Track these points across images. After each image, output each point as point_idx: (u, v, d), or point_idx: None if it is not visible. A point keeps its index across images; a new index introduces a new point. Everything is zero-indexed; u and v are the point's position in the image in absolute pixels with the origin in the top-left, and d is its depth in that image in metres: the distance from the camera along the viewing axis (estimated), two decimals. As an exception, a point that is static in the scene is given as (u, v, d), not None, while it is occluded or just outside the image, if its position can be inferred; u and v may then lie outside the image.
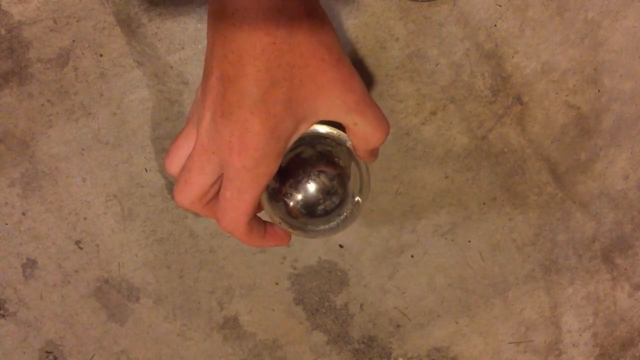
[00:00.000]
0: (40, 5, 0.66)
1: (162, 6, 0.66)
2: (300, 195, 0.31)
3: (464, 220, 0.74)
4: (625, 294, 0.78)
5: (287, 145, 0.27)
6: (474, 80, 0.69)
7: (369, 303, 0.76)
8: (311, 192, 0.31)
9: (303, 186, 0.31)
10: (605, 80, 0.70)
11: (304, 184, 0.31)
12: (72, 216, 0.72)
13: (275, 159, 0.27)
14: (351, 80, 0.27)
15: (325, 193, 0.31)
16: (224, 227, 0.29)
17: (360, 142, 0.29)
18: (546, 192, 0.73)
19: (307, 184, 0.31)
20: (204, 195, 0.29)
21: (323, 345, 0.77)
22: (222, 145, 0.26)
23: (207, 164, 0.27)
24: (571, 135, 0.72)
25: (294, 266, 0.74)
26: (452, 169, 0.72)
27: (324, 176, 0.31)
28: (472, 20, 0.67)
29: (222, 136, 0.26)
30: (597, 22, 0.68)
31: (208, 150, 0.27)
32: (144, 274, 0.74)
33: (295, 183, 0.31)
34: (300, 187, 0.31)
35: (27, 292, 0.74)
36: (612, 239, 0.76)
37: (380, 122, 0.29)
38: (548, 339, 0.78)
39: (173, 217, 0.72)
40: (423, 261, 0.75)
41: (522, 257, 0.75)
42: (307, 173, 0.31)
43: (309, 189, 0.31)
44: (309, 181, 0.31)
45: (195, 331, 0.76)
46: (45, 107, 0.69)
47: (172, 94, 0.69)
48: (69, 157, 0.70)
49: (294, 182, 0.31)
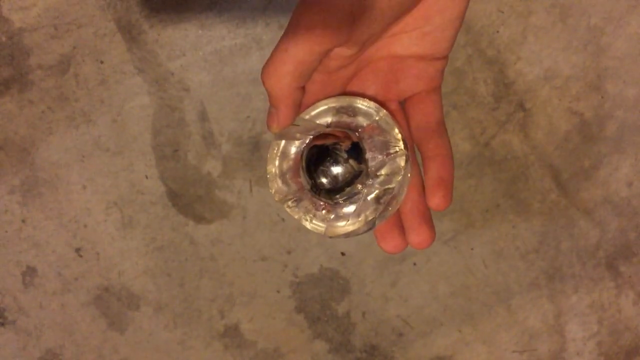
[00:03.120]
0: (41, 12, 0.65)
1: (163, 13, 0.66)
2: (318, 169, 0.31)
3: (466, 227, 0.73)
4: (629, 302, 0.77)
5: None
6: (476, 86, 0.68)
7: (371, 311, 0.75)
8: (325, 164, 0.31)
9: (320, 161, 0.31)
10: (608, 86, 0.70)
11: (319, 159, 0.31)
12: (72, 224, 0.72)
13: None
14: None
15: (335, 164, 0.31)
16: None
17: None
18: (549, 199, 0.73)
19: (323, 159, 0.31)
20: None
21: (325, 354, 0.76)
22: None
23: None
24: (574, 142, 0.71)
25: (296, 274, 0.74)
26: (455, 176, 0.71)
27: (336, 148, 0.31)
28: (474, 26, 0.67)
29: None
30: (600, 28, 0.68)
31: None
32: (144, 282, 0.73)
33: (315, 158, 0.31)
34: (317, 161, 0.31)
35: (27, 300, 0.74)
36: (616, 246, 0.75)
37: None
38: (552, 347, 0.77)
39: (173, 225, 0.72)
40: (425, 269, 0.74)
41: (525, 264, 0.75)
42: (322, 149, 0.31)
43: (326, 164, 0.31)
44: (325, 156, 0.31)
45: (195, 340, 0.75)
46: (45, 114, 0.68)
47: (173, 100, 0.69)
48: (69, 164, 0.70)
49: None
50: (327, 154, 0.31)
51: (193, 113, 0.70)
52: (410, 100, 0.32)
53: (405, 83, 0.31)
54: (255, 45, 0.69)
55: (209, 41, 0.69)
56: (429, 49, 0.30)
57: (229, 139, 0.71)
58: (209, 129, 0.70)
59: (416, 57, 0.31)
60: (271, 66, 0.26)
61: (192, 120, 0.70)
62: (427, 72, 0.31)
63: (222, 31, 0.69)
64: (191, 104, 0.69)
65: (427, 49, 0.30)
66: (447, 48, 0.31)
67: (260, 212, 0.72)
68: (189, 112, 0.69)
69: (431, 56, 0.31)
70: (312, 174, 0.31)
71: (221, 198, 0.72)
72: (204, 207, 0.72)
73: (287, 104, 0.28)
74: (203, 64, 0.69)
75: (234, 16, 0.68)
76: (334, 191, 0.31)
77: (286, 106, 0.28)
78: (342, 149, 0.31)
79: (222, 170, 0.71)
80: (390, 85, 0.32)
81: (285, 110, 0.28)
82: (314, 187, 0.31)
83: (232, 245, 0.73)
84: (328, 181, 0.31)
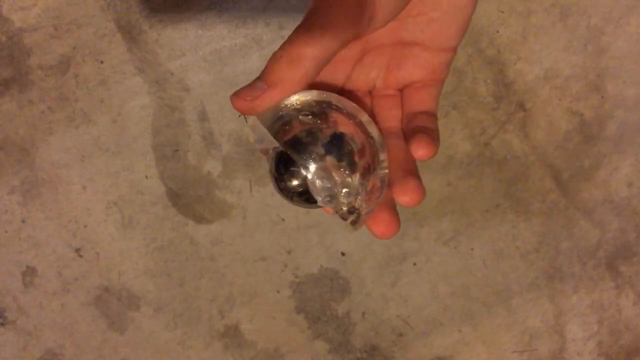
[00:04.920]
0: (41, 12, 0.65)
1: (163, 13, 0.66)
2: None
3: (466, 227, 0.73)
4: (629, 302, 0.77)
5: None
6: (476, 86, 0.68)
7: (371, 311, 0.75)
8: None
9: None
10: (608, 86, 0.70)
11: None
12: (72, 224, 0.72)
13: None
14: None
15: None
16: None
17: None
18: (550, 199, 0.73)
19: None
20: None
21: (325, 354, 0.76)
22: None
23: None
24: (575, 142, 0.71)
25: (296, 274, 0.74)
26: (455, 176, 0.71)
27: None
28: (474, 26, 0.67)
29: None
30: (600, 28, 0.68)
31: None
32: (144, 282, 0.73)
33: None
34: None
35: (27, 300, 0.74)
36: (616, 246, 0.75)
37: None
38: (552, 347, 0.77)
39: (173, 225, 0.72)
40: (425, 269, 0.74)
41: (525, 264, 0.75)
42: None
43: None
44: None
45: (195, 340, 0.75)
46: (45, 114, 0.68)
47: (173, 100, 0.69)
48: (69, 164, 0.70)
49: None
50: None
51: (193, 113, 0.70)
52: (409, 88, 0.31)
53: (406, 70, 0.31)
54: (255, 45, 0.69)
55: (209, 41, 0.69)
56: (435, 37, 0.30)
57: (229, 139, 0.71)
58: (209, 129, 0.70)
59: (422, 46, 0.30)
60: (284, 65, 0.25)
61: (192, 120, 0.70)
62: (430, 62, 0.30)
63: (222, 31, 0.69)
64: (191, 104, 0.69)
65: (433, 37, 0.30)
66: (454, 38, 0.30)
67: (260, 212, 0.72)
68: (189, 112, 0.69)
69: (437, 47, 0.30)
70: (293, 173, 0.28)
71: (221, 198, 0.72)
72: (204, 207, 0.72)
73: (285, 90, 0.26)
74: (203, 64, 0.69)
75: (234, 16, 0.68)
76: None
77: (283, 91, 0.26)
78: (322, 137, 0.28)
79: (222, 170, 0.71)
80: (391, 70, 0.31)
81: (280, 94, 0.26)
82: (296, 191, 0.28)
83: (232, 245, 0.73)
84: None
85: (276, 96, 0.26)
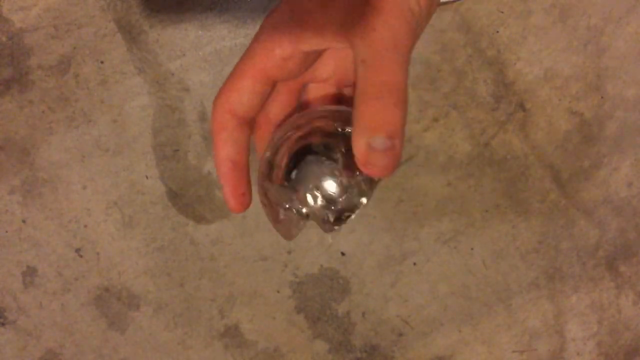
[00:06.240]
0: (41, 12, 0.66)
1: (164, 13, 0.66)
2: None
3: (466, 227, 0.73)
4: (629, 302, 0.77)
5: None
6: (476, 86, 0.68)
7: (371, 311, 0.75)
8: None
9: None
10: (608, 86, 0.70)
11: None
12: (73, 224, 0.72)
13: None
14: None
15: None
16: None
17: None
18: (549, 200, 0.73)
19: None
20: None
21: (325, 354, 0.76)
22: None
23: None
24: (574, 142, 0.71)
25: (296, 274, 0.74)
26: (455, 176, 0.71)
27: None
28: (474, 26, 0.67)
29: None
30: (600, 28, 0.68)
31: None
32: (145, 282, 0.73)
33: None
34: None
35: (27, 300, 0.74)
36: (616, 246, 0.75)
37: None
38: (552, 347, 0.77)
39: (174, 225, 0.72)
40: (425, 269, 0.74)
41: (525, 264, 0.75)
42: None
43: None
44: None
45: (195, 340, 0.75)
46: (45, 114, 0.68)
47: (173, 100, 0.69)
48: (70, 164, 0.70)
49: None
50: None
51: (193, 113, 0.70)
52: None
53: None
54: (255, 46, 0.69)
55: (209, 41, 0.69)
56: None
57: (229, 139, 0.71)
58: (209, 129, 0.70)
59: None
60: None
61: (192, 121, 0.70)
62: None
63: (222, 31, 0.69)
64: (191, 104, 0.69)
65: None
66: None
67: (260, 212, 0.72)
68: (189, 112, 0.69)
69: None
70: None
71: (221, 198, 0.72)
72: (204, 207, 0.72)
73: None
74: (203, 64, 0.69)
75: (234, 16, 0.68)
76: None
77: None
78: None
79: (222, 170, 0.71)
80: (347, 67, 0.28)
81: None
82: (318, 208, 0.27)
83: (232, 245, 0.73)
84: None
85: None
